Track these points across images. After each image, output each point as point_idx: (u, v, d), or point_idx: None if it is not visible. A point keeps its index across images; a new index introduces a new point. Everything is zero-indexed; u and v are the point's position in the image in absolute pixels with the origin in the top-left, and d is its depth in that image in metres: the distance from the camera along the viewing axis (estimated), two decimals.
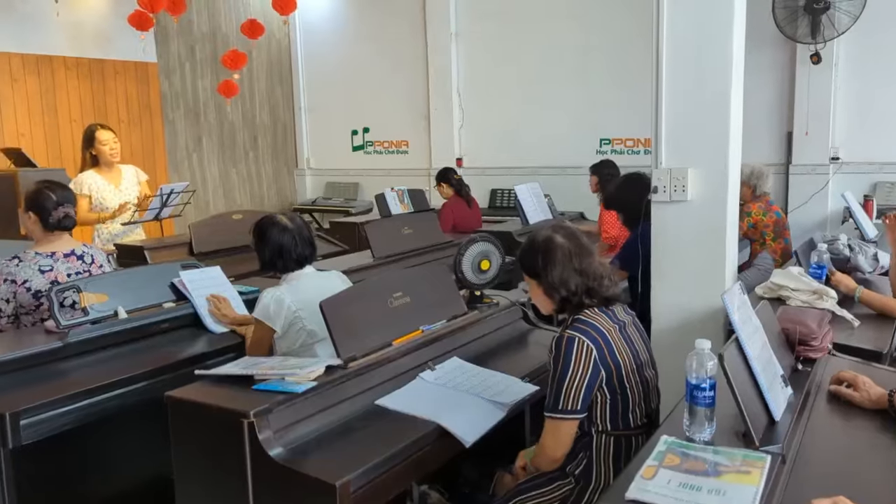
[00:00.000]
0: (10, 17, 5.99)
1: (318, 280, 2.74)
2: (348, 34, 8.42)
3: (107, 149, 4.32)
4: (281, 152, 8.79)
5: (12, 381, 2.38)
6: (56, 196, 2.91)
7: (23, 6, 6.05)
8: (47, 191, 2.91)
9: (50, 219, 2.89)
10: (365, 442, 1.97)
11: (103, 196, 4.35)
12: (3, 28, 5.96)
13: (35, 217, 2.90)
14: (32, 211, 2.90)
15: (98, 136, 4.32)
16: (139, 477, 2.81)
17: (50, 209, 2.89)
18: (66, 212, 2.92)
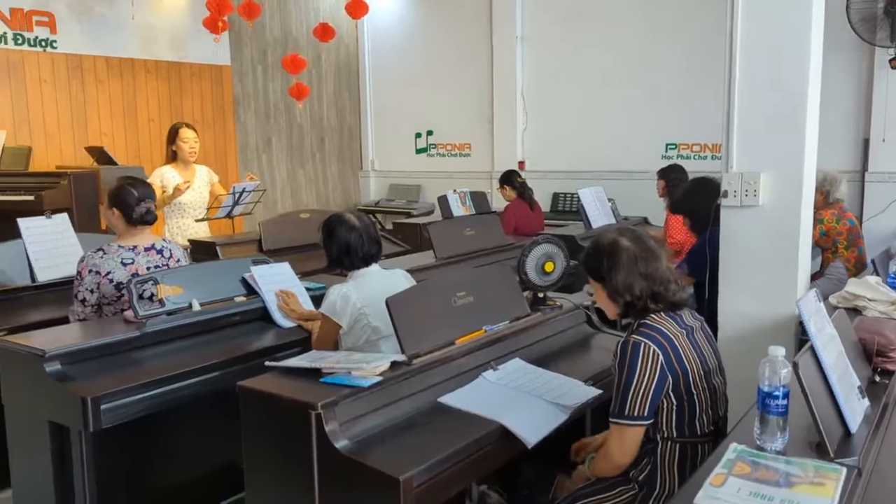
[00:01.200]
0: (93, 23, 6.28)
1: (383, 278, 2.78)
2: (414, 38, 8.51)
3: (186, 146, 4.50)
4: (346, 154, 8.95)
5: (94, 367, 2.49)
6: (138, 192, 3.01)
7: (107, 12, 6.34)
8: (129, 187, 3.01)
9: (133, 214, 3.00)
10: (428, 438, 1.99)
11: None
12: (90, 33, 6.25)
13: (118, 213, 3.01)
14: (116, 207, 3.01)
15: (181, 134, 4.53)
16: (208, 464, 2.90)
17: (132, 205, 2.99)
18: (147, 207, 3.03)
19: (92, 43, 6.27)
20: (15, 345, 2.50)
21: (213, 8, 5.57)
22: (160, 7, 6.42)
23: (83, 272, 2.92)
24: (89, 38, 6.24)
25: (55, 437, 2.45)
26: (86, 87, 6.25)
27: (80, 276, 2.92)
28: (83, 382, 2.37)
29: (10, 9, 5.74)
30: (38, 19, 5.92)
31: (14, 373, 2.54)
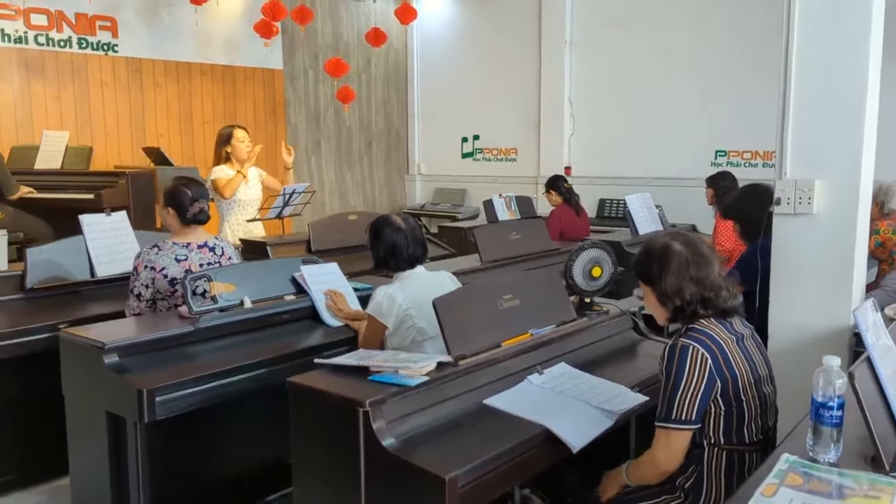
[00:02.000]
0: (156, 28, 6.50)
1: (429, 280, 2.80)
2: (463, 43, 8.55)
3: (243, 146, 4.61)
4: (393, 158, 9.04)
5: (149, 360, 2.55)
6: (192, 192, 3.09)
7: (168, 17, 6.54)
8: (184, 188, 3.09)
9: (187, 214, 3.08)
10: (473, 439, 1.99)
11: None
12: (150, 38, 6.47)
13: (173, 212, 3.09)
14: (171, 206, 3.09)
15: (235, 135, 4.63)
16: (257, 459, 2.96)
17: (186, 205, 3.08)
18: (200, 207, 3.11)
19: (151, 47, 6.48)
20: (76, 337, 2.58)
21: (269, 13, 5.70)
22: (217, 12, 6.60)
23: (139, 268, 3.01)
24: (149, 43, 6.46)
25: (112, 427, 2.52)
26: (144, 90, 6.47)
27: (136, 272, 3.01)
28: (139, 375, 2.44)
29: (76, 14, 5.96)
30: (101, 24, 6.14)
31: (74, 364, 2.63)
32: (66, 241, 3.32)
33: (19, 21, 5.67)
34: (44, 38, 5.84)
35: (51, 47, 5.87)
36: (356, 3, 8.28)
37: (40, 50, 5.83)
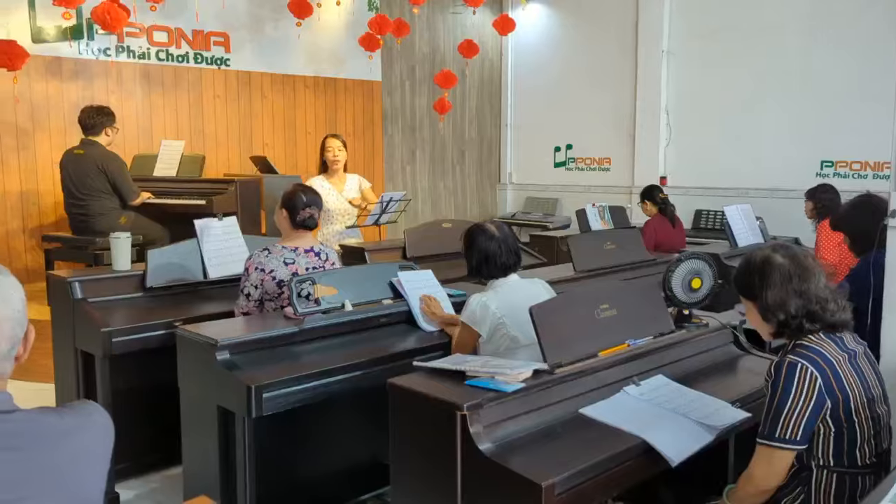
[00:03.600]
0: (264, 42, 6.83)
1: (523, 288, 2.82)
2: (558, 52, 8.54)
3: (330, 154, 4.80)
4: (485, 167, 9.11)
5: (256, 358, 2.68)
6: (306, 199, 3.24)
7: (275, 32, 6.86)
8: (301, 193, 3.25)
9: (297, 217, 3.23)
10: (569, 448, 1.99)
11: (326, 199, 4.80)
12: (259, 52, 6.81)
13: (286, 213, 3.24)
14: (285, 208, 3.25)
15: (326, 143, 4.84)
16: (354, 457, 3.06)
17: (299, 209, 3.22)
18: (310, 213, 3.25)
19: (260, 60, 6.82)
20: (191, 333, 2.74)
21: (375, 27, 5.89)
22: (320, 27, 6.88)
23: (250, 269, 3.16)
24: (258, 56, 6.80)
25: (222, 420, 2.66)
26: (252, 102, 6.80)
27: (247, 273, 3.16)
28: (248, 371, 2.56)
29: (193, 30, 6.35)
30: (215, 39, 6.51)
31: (189, 359, 2.78)
32: (182, 244, 3.52)
33: (143, 38, 6.09)
34: (164, 54, 6.25)
35: (170, 62, 6.27)
36: (453, 15, 8.41)
37: (160, 65, 6.23)
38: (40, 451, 1.19)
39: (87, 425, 1.28)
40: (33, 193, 5.64)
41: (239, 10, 6.53)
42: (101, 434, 1.30)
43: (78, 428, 1.26)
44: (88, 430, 1.28)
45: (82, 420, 1.28)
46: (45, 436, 1.21)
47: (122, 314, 3.20)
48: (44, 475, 1.19)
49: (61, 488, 1.21)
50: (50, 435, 1.21)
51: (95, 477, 1.27)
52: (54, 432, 1.22)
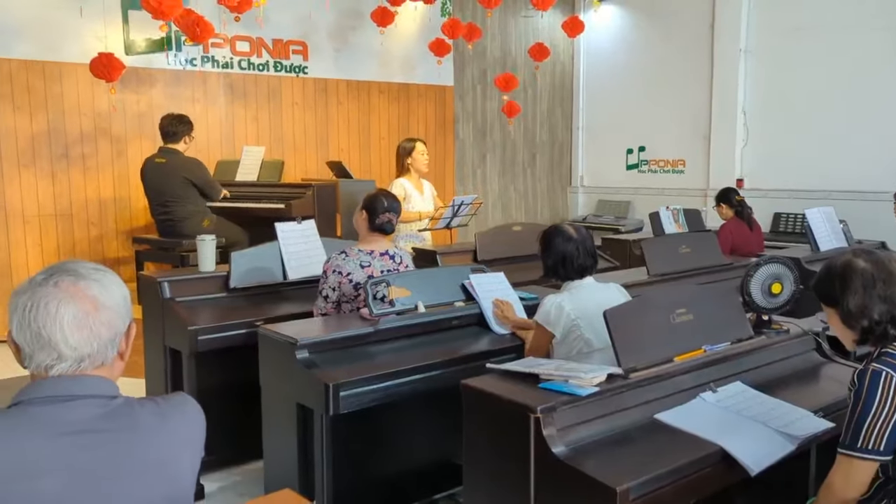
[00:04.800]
0: (341, 50, 7.01)
1: (598, 291, 2.81)
2: (630, 53, 8.44)
3: (422, 158, 4.94)
4: (556, 170, 9.07)
5: (333, 357, 2.75)
6: (386, 204, 3.32)
7: (353, 40, 7.04)
8: (382, 198, 3.34)
9: (376, 221, 3.30)
10: (644, 453, 1.98)
11: (412, 201, 4.94)
12: (336, 59, 6.99)
13: (366, 215, 3.32)
14: (365, 210, 3.33)
15: (418, 147, 4.97)
16: (427, 457, 3.09)
17: (379, 212, 3.30)
18: (388, 218, 3.32)
19: (336, 68, 7.00)
20: (273, 333, 2.84)
21: (448, 32, 5.97)
22: (395, 33, 7.01)
23: (328, 271, 3.25)
24: (334, 64, 6.98)
25: (301, 417, 2.75)
26: (328, 108, 6.99)
27: (326, 275, 3.25)
28: (326, 370, 2.63)
29: (273, 40, 6.58)
30: (294, 48, 6.72)
31: (271, 358, 2.89)
32: (263, 247, 3.64)
33: (226, 49, 6.34)
34: (246, 63, 6.49)
35: (251, 71, 6.52)
36: (524, 19, 8.42)
37: (243, 74, 6.49)
38: (139, 436, 1.28)
39: (182, 415, 1.36)
40: (125, 198, 5.95)
41: (316, 19, 6.71)
42: (195, 424, 1.38)
43: (174, 417, 1.34)
44: (183, 420, 1.35)
45: (178, 410, 1.36)
46: (144, 422, 1.29)
47: (207, 313, 3.34)
48: (141, 459, 1.27)
49: (157, 473, 1.28)
50: (148, 422, 1.30)
51: (188, 465, 1.35)
52: (153, 419, 1.30)
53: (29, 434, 1.21)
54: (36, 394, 1.25)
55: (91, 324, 1.27)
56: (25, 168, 5.55)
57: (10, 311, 1.28)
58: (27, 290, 1.27)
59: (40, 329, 1.24)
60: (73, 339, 1.25)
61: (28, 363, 1.27)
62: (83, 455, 1.22)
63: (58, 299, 1.25)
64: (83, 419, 1.24)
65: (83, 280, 1.29)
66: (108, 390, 1.30)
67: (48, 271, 1.30)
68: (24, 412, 1.23)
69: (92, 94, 5.71)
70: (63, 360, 1.26)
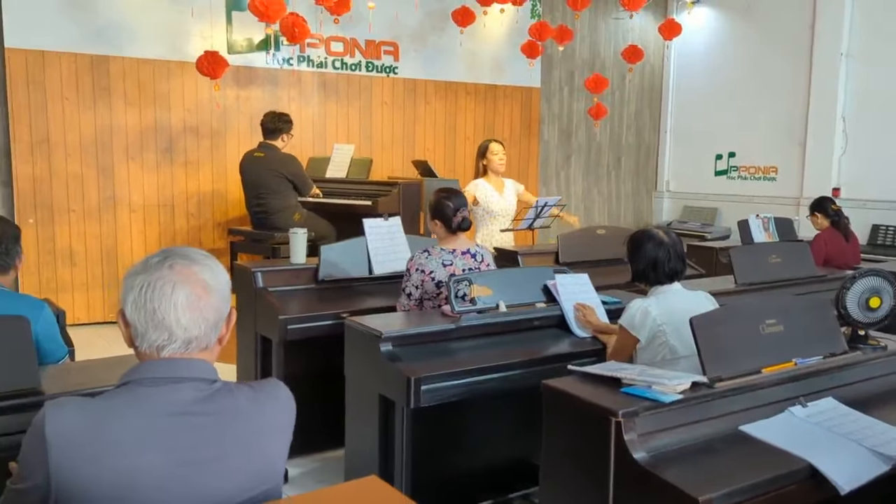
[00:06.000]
0: (429, 50, 7.11)
1: (686, 297, 2.77)
2: (724, 56, 8.21)
3: (496, 158, 4.95)
4: (642, 174, 8.92)
5: (415, 352, 2.80)
6: (454, 204, 3.35)
7: (441, 41, 7.13)
8: (447, 201, 3.35)
9: (452, 224, 3.35)
10: (727, 465, 1.95)
11: (490, 201, 4.96)
12: (425, 60, 7.10)
13: (440, 223, 3.37)
14: (438, 219, 3.37)
15: (491, 147, 4.98)
16: (503, 455, 3.12)
17: (450, 216, 3.34)
18: (463, 216, 3.36)
19: (425, 68, 7.11)
20: (359, 325, 2.91)
21: (536, 34, 5.97)
22: (483, 35, 7.07)
23: (411, 269, 3.31)
24: (423, 65, 7.10)
25: (383, 408, 2.81)
26: (416, 108, 7.12)
27: (409, 273, 3.31)
28: (408, 364, 2.69)
29: (366, 41, 6.75)
30: (385, 49, 6.88)
31: (356, 349, 2.96)
32: (351, 242, 3.75)
33: (321, 49, 6.54)
34: (339, 63, 6.68)
35: (344, 71, 6.70)
36: (615, 21, 8.32)
37: (336, 73, 6.67)
38: (235, 419, 1.34)
39: (275, 401, 1.41)
40: (222, 191, 6.24)
41: (408, 20, 6.84)
42: (287, 410, 1.43)
43: (267, 402, 1.39)
44: (276, 405, 1.41)
45: (271, 396, 1.41)
46: (240, 406, 1.35)
47: (296, 303, 3.46)
48: (237, 440, 1.32)
49: (251, 454, 1.34)
50: (244, 405, 1.36)
51: (279, 448, 1.40)
52: (248, 404, 1.36)
53: (135, 413, 1.27)
54: (145, 374, 1.31)
55: (201, 307, 1.33)
56: (133, 160, 5.89)
57: (124, 291, 1.33)
58: (143, 271, 1.33)
59: (155, 309, 1.30)
60: (184, 319, 1.31)
61: (140, 342, 1.33)
62: (183, 436, 1.28)
63: (173, 281, 1.31)
64: (185, 401, 1.30)
65: (196, 265, 1.35)
66: (209, 374, 1.36)
67: (163, 254, 1.36)
68: (132, 391, 1.30)
69: (195, 92, 6.01)
70: (173, 341, 1.32)
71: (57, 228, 5.63)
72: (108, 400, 1.30)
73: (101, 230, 5.79)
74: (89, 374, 2.11)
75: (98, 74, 5.67)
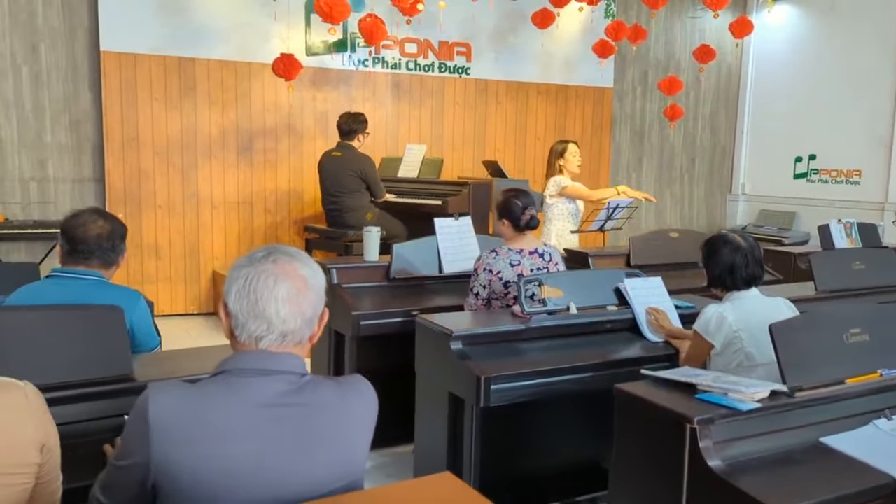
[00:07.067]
0: (500, 51, 7.12)
1: (764, 304, 2.71)
2: (806, 55, 7.93)
3: (575, 160, 4.98)
4: (716, 176, 8.71)
5: (485, 351, 2.82)
6: (522, 202, 3.34)
7: (514, 42, 7.14)
8: (514, 199, 3.35)
9: (520, 223, 3.34)
10: (807, 477, 1.91)
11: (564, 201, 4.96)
12: (497, 60, 7.12)
13: (508, 223, 3.37)
14: (505, 218, 3.37)
15: (570, 149, 5.02)
16: (572, 458, 3.10)
17: (518, 215, 3.34)
18: (531, 214, 3.35)
19: (497, 69, 7.13)
20: (430, 323, 2.95)
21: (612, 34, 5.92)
22: (556, 35, 7.03)
23: (479, 270, 3.32)
24: (496, 65, 7.11)
25: (452, 407, 2.84)
26: (487, 108, 7.14)
27: (477, 273, 3.33)
28: (478, 362, 2.71)
29: (439, 41, 6.81)
30: (458, 50, 6.93)
31: (426, 346, 3.00)
32: (422, 240, 3.80)
33: (395, 50, 6.64)
34: (412, 64, 6.77)
35: (417, 72, 6.79)
36: (691, 20, 8.14)
37: (409, 74, 6.77)
38: (323, 412, 1.38)
39: (358, 395, 1.46)
40: (298, 190, 6.41)
41: (481, 21, 6.86)
42: (369, 404, 1.47)
43: (353, 397, 1.44)
44: (360, 399, 1.45)
45: (355, 390, 1.46)
46: (328, 399, 1.40)
47: (368, 300, 3.54)
48: (325, 432, 1.37)
49: (337, 446, 1.39)
50: (332, 399, 1.40)
51: (363, 440, 1.44)
52: (335, 398, 1.41)
53: (231, 402, 1.32)
54: (240, 365, 1.37)
55: (300, 301, 1.38)
56: (215, 158, 6.12)
57: (228, 282, 1.40)
58: (249, 265, 1.38)
59: (258, 299, 1.35)
60: (283, 311, 1.36)
61: (239, 332, 1.38)
62: (272, 426, 1.33)
63: (276, 275, 1.37)
64: (276, 393, 1.35)
65: (297, 261, 1.41)
66: (299, 367, 1.41)
67: (267, 249, 1.42)
68: (227, 381, 1.36)
69: (275, 93, 6.19)
70: (271, 332, 1.37)
71: (144, 223, 5.90)
72: (205, 387, 1.36)
73: (185, 225, 6.05)
74: (178, 363, 2.20)
75: (184, 76, 5.92)
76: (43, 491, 1.36)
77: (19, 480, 1.29)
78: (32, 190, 5.66)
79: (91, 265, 2.38)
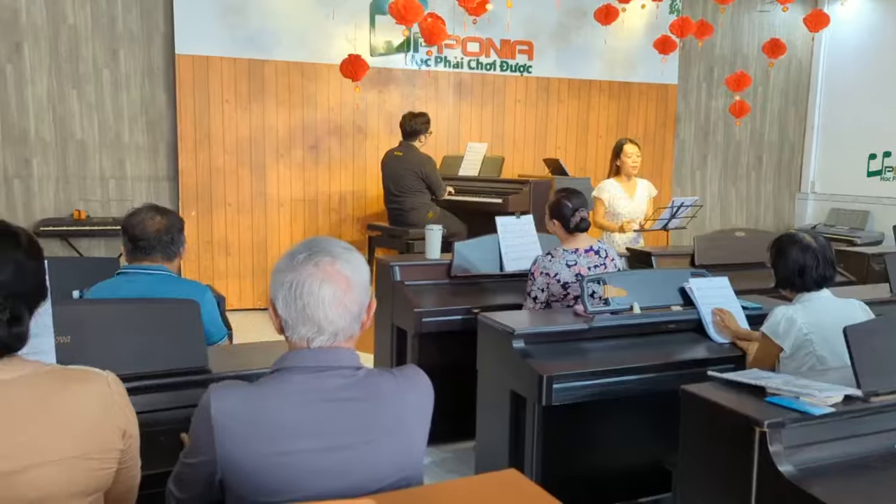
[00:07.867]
0: (562, 49, 7.08)
1: (836, 306, 2.64)
2: (881, 48, 7.62)
3: (630, 161, 4.84)
4: (784, 173, 8.46)
5: (547, 350, 2.82)
6: (572, 204, 3.32)
7: (577, 39, 7.09)
8: (565, 200, 3.34)
9: (570, 224, 3.33)
10: (883, 485, 1.87)
11: (617, 203, 4.87)
12: (559, 58, 7.08)
13: (558, 223, 3.37)
14: (555, 218, 3.37)
15: (625, 149, 4.88)
16: (635, 459, 3.07)
17: (568, 216, 3.32)
18: (581, 216, 3.33)
19: (559, 67, 7.08)
20: (491, 321, 2.97)
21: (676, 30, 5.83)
22: (619, 32, 6.94)
23: (535, 273, 3.30)
24: (558, 63, 7.07)
25: (514, 404, 2.85)
26: (549, 106, 7.10)
27: (533, 277, 3.31)
28: (540, 361, 2.71)
29: (501, 40, 6.81)
30: (520, 48, 6.91)
31: (488, 344, 3.02)
32: (484, 239, 3.82)
33: (457, 49, 6.68)
34: (475, 63, 6.79)
35: (479, 71, 6.81)
36: (759, 14, 7.92)
37: (471, 73, 6.79)
38: (380, 404, 1.41)
39: (414, 387, 1.48)
40: (361, 189, 6.52)
41: (543, 19, 6.84)
42: (426, 396, 1.49)
43: (409, 387, 1.46)
44: (416, 391, 1.48)
45: (411, 382, 1.48)
46: (385, 391, 1.43)
47: (430, 298, 3.59)
48: (383, 425, 1.40)
49: (397, 437, 1.41)
50: (388, 391, 1.43)
51: (420, 431, 1.47)
52: (391, 389, 1.44)
53: (289, 399, 1.36)
54: (297, 362, 1.40)
55: (346, 301, 1.40)
56: (282, 158, 6.27)
57: (274, 287, 1.43)
58: (291, 269, 1.39)
59: (305, 306, 1.37)
60: (331, 314, 1.39)
61: (291, 333, 1.41)
62: (333, 421, 1.36)
63: (319, 279, 1.38)
64: (333, 388, 1.38)
65: (338, 260, 1.42)
66: (353, 362, 1.44)
67: (307, 249, 1.42)
68: (284, 378, 1.39)
69: (340, 93, 6.30)
70: (322, 334, 1.40)
71: (215, 220, 6.10)
72: (263, 385, 1.40)
73: (253, 223, 6.22)
74: (247, 356, 2.27)
75: (253, 77, 6.08)
76: (125, 475, 1.43)
77: (105, 465, 1.36)
78: (111, 188, 5.91)
79: (154, 260, 2.46)
